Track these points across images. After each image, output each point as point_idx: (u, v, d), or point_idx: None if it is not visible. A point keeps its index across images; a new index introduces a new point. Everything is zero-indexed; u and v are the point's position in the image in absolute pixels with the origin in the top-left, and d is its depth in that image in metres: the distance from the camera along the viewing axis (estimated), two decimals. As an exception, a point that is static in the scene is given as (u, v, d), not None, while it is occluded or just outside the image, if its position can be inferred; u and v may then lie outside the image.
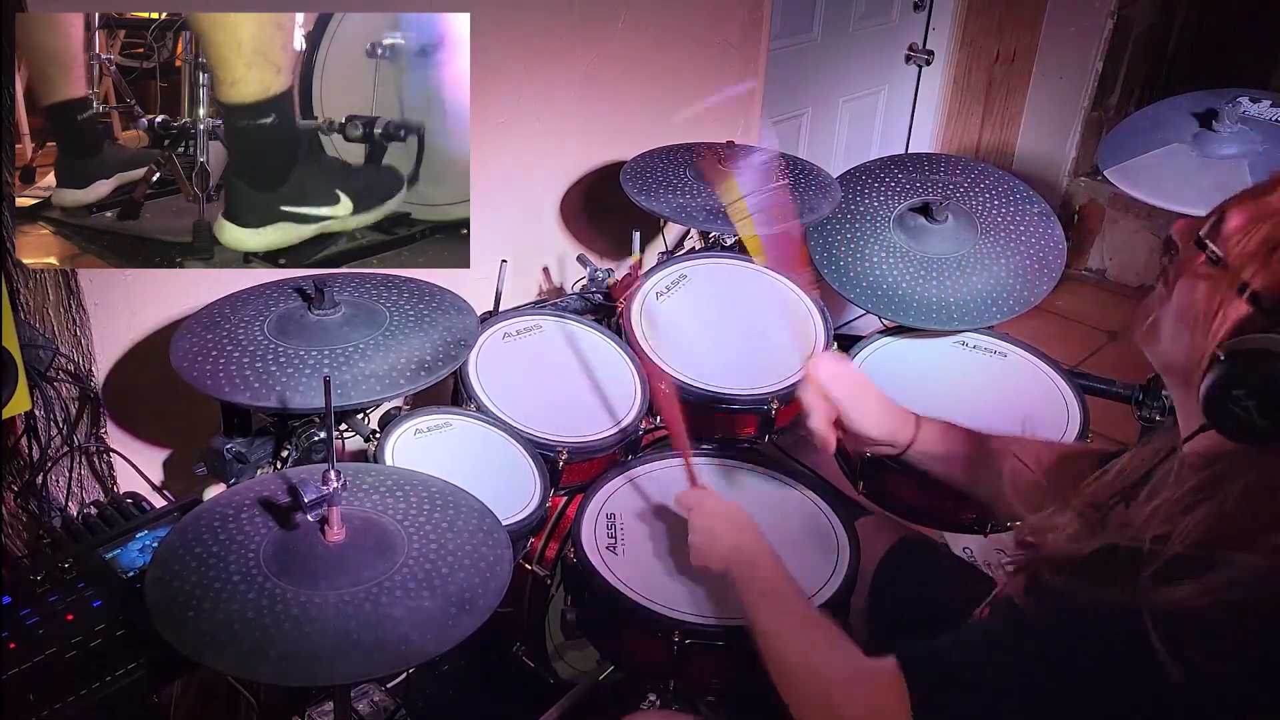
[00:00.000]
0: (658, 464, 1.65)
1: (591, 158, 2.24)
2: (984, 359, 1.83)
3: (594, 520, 1.52)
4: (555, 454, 1.57)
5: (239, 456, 1.47)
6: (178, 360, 1.39)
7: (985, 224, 1.89)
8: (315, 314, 1.46)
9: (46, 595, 1.26)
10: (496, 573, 1.17)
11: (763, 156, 1.96)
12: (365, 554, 1.14)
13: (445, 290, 1.63)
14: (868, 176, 2.01)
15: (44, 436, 1.68)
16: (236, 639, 1.03)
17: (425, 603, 1.10)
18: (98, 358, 1.62)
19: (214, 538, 1.16)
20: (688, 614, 1.37)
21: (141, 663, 1.20)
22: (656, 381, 1.49)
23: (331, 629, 1.05)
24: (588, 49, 2.11)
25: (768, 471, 1.65)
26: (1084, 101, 3.62)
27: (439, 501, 1.27)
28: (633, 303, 1.79)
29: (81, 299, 1.56)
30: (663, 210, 1.85)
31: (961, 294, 1.81)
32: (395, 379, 1.40)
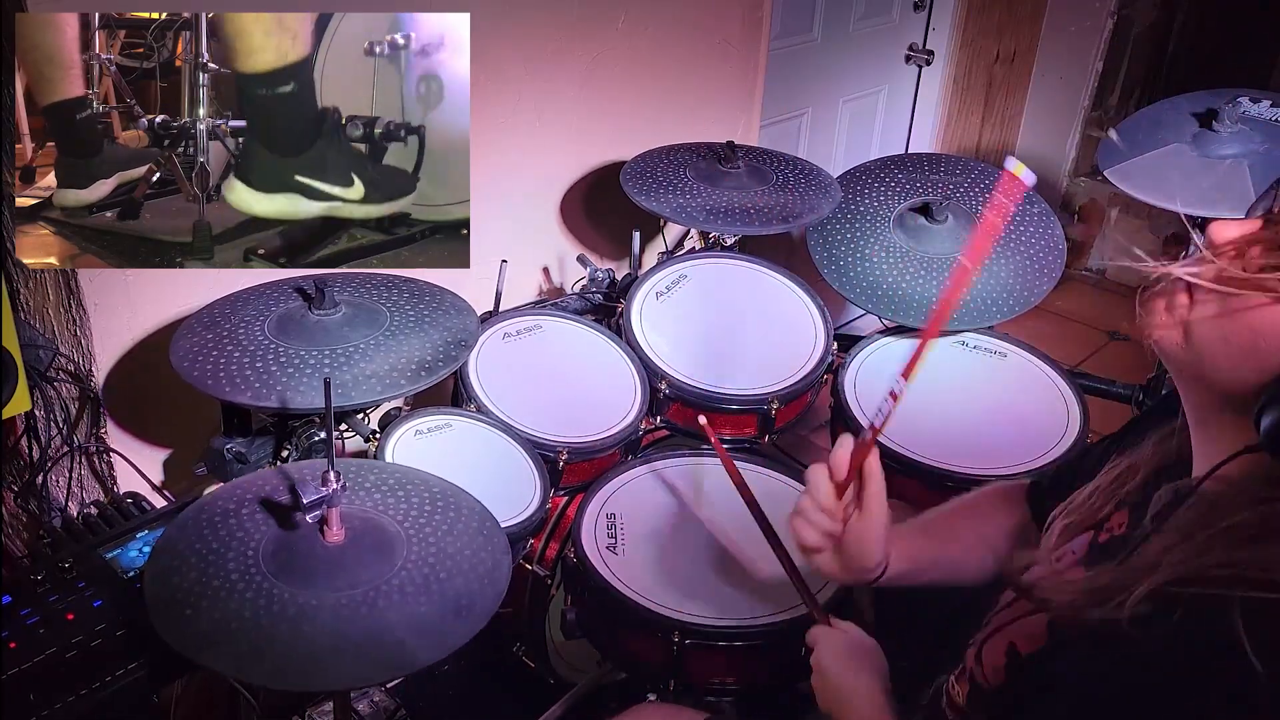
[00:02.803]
0: (659, 464, 1.65)
1: (591, 158, 2.24)
2: (984, 359, 1.83)
3: (594, 520, 1.52)
4: (555, 454, 1.57)
5: (239, 456, 1.47)
6: (178, 360, 1.39)
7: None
8: (315, 314, 1.46)
9: (46, 595, 1.26)
10: (495, 578, 1.17)
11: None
12: (364, 555, 1.14)
13: (445, 290, 1.63)
14: (868, 176, 2.02)
15: (44, 436, 1.68)
16: (233, 639, 1.02)
17: (423, 608, 1.09)
18: (98, 358, 1.62)
19: (214, 533, 1.15)
20: (688, 614, 1.37)
21: (141, 663, 1.20)
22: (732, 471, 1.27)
23: (328, 631, 1.04)
24: (588, 49, 2.11)
25: (768, 472, 1.65)
26: (1084, 101, 3.62)
27: (439, 503, 1.26)
28: (632, 303, 1.79)
29: (81, 299, 1.56)
30: (663, 210, 1.85)
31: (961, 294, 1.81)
32: (395, 379, 1.40)
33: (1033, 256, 1.86)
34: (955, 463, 1.61)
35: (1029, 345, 1.84)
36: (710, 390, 1.68)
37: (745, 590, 1.43)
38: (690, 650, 1.36)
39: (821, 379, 1.79)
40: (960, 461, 1.60)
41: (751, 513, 1.20)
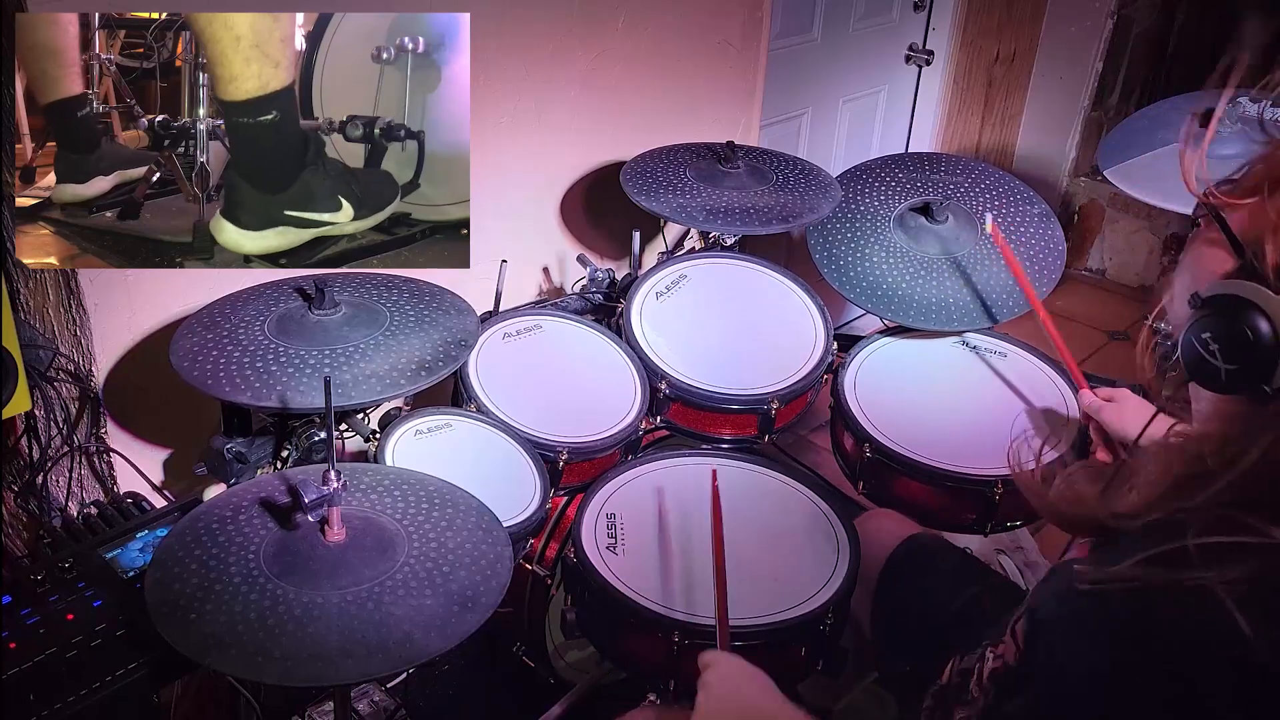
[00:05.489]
0: (659, 464, 1.65)
1: (591, 158, 2.24)
2: (984, 359, 1.83)
3: (594, 520, 1.52)
4: (555, 454, 1.57)
5: (239, 456, 1.47)
6: (178, 360, 1.39)
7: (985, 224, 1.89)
8: (315, 314, 1.46)
9: (46, 595, 1.26)
10: (497, 570, 1.18)
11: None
12: (366, 553, 1.14)
13: (445, 290, 1.63)
14: (868, 176, 2.02)
15: (44, 436, 1.68)
16: (240, 640, 1.03)
17: (427, 601, 1.10)
18: (98, 358, 1.62)
19: (213, 539, 1.16)
20: (688, 614, 1.37)
21: (141, 663, 1.20)
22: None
23: (335, 628, 1.05)
24: (588, 49, 2.11)
25: (768, 472, 1.65)
26: (1084, 101, 3.62)
27: (437, 500, 1.27)
28: (632, 303, 1.79)
29: (81, 299, 1.56)
30: (663, 210, 1.85)
31: (961, 294, 1.81)
32: (395, 379, 1.40)
33: (1033, 256, 1.86)
34: (955, 463, 1.60)
35: (1029, 345, 1.85)
36: (710, 390, 1.68)
37: (745, 590, 1.43)
38: (690, 650, 1.36)
39: (821, 379, 1.79)
40: (960, 461, 1.60)
41: (714, 546, 1.29)
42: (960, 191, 1.96)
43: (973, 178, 1.99)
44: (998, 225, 1.79)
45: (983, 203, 1.93)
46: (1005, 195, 1.96)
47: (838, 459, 1.77)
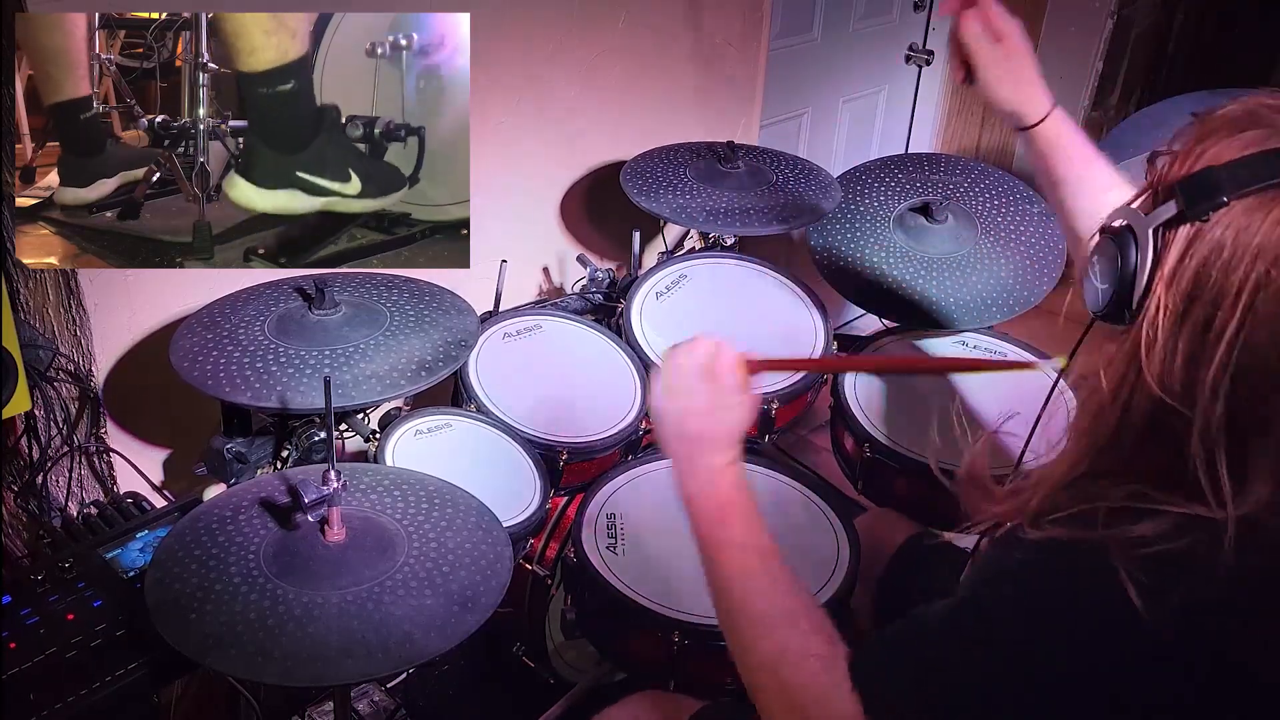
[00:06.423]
0: (658, 464, 1.65)
1: (591, 158, 2.24)
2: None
3: (594, 520, 1.52)
4: (555, 454, 1.57)
5: (239, 456, 1.47)
6: (178, 360, 1.39)
7: (985, 224, 1.89)
8: (315, 314, 1.46)
9: (46, 595, 1.26)
10: (497, 570, 1.18)
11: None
12: (366, 553, 1.14)
13: (445, 290, 1.63)
14: (868, 176, 2.02)
15: (44, 436, 1.68)
16: (240, 640, 1.03)
17: (428, 601, 1.10)
18: (98, 358, 1.62)
19: (213, 540, 1.16)
20: (688, 614, 1.37)
21: (141, 663, 1.20)
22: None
23: (335, 628, 1.05)
24: (588, 49, 2.11)
25: (768, 471, 1.65)
26: (1084, 101, 3.61)
27: (436, 500, 1.27)
28: (633, 303, 1.79)
29: (81, 299, 1.56)
30: (663, 210, 1.85)
31: (961, 294, 1.81)
32: (395, 379, 1.40)
33: (1033, 256, 1.86)
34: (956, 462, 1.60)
35: (1029, 345, 1.84)
36: (710, 390, 1.68)
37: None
38: (690, 650, 1.36)
39: (821, 379, 1.79)
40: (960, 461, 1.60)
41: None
42: (960, 191, 1.96)
43: (972, 178, 1.99)
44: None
45: (983, 203, 1.93)
46: (1005, 195, 1.96)
47: (838, 459, 1.77)
